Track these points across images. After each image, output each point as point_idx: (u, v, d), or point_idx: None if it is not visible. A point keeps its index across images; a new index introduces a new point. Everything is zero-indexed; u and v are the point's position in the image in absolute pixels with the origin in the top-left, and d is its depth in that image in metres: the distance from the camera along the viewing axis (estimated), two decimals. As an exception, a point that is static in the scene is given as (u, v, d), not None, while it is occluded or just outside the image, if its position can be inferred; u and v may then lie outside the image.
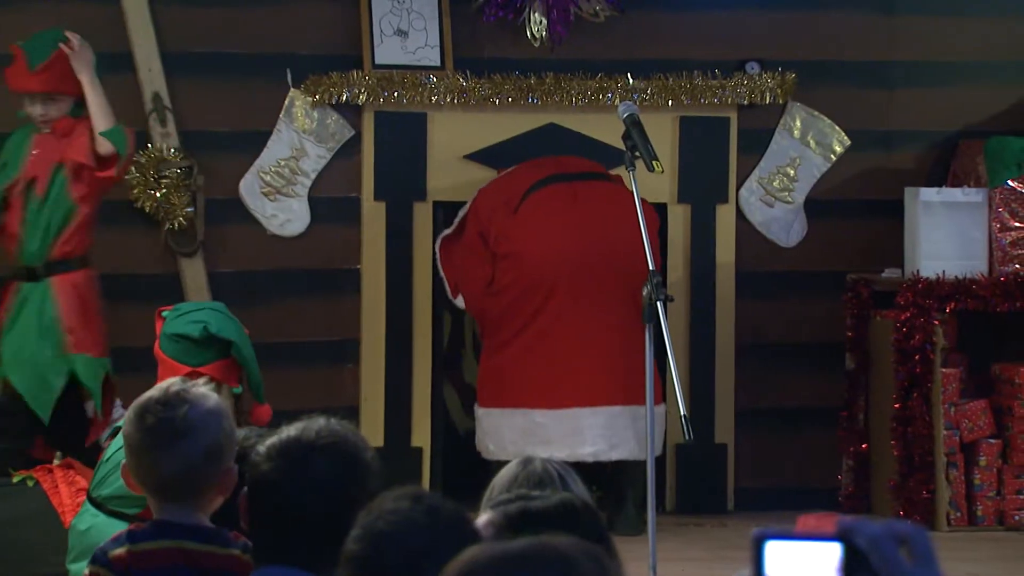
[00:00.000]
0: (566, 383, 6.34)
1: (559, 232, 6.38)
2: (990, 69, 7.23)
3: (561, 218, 6.40)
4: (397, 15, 6.90)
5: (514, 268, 6.44)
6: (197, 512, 3.33)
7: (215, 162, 6.84)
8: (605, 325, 6.34)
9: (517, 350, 6.45)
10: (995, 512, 6.76)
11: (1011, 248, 6.83)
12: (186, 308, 5.64)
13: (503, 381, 6.49)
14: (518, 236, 6.42)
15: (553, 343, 6.37)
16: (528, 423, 6.34)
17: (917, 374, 6.63)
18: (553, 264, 6.37)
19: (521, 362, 6.42)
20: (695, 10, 7.04)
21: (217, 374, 5.05)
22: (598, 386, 6.31)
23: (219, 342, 5.02)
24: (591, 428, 6.29)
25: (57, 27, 6.30)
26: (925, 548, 1.84)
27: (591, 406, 6.32)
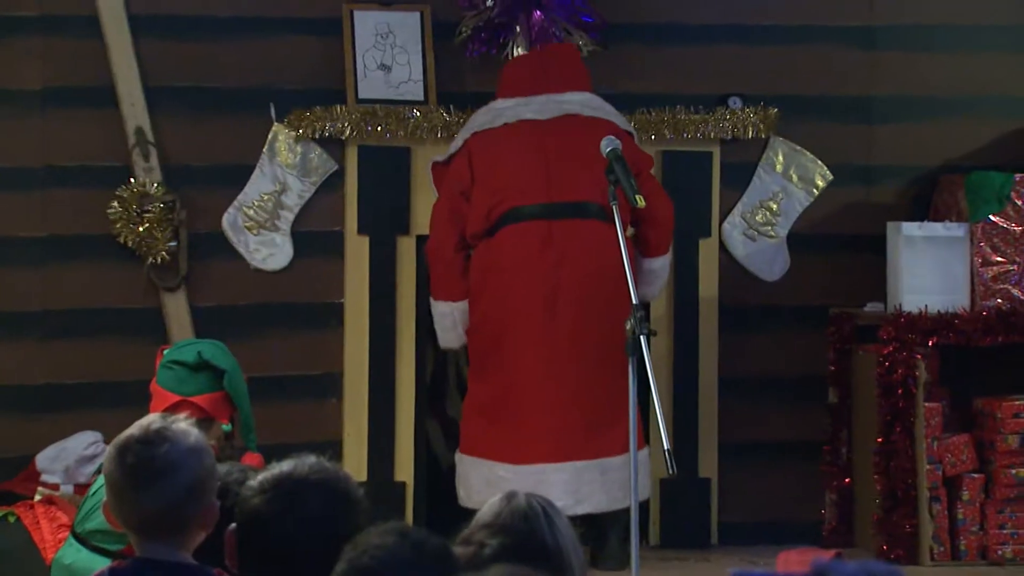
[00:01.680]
0: (531, 438, 6.24)
1: (529, 283, 6.29)
2: (971, 104, 7.25)
3: (533, 267, 6.31)
4: (380, 50, 6.91)
5: (481, 313, 6.39)
6: (179, 549, 3.32)
7: (198, 197, 6.83)
8: (573, 378, 6.25)
9: (484, 399, 6.40)
10: (978, 547, 6.75)
11: (993, 283, 6.85)
12: (186, 342, 5.66)
13: (469, 429, 6.46)
14: (488, 283, 6.36)
15: (519, 396, 6.29)
16: (492, 475, 6.26)
17: (900, 408, 6.63)
18: (521, 315, 6.30)
19: (486, 413, 6.37)
20: (678, 45, 7.06)
21: (207, 405, 5.03)
22: (564, 441, 6.22)
23: (212, 370, 5.02)
24: (557, 484, 6.19)
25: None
26: None
27: (556, 462, 6.24)
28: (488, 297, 6.36)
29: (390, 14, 6.92)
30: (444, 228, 6.45)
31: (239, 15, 6.86)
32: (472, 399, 6.48)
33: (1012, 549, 6.74)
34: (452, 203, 6.45)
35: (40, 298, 6.73)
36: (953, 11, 7.24)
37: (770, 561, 6.34)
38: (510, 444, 6.24)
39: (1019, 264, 6.85)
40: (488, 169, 6.39)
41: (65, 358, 6.71)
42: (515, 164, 6.38)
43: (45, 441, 6.33)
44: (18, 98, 6.72)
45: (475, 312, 6.41)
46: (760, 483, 7.05)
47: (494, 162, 6.40)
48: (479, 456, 6.32)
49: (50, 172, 6.75)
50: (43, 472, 6.22)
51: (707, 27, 7.09)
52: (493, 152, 6.41)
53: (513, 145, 6.41)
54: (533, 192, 6.35)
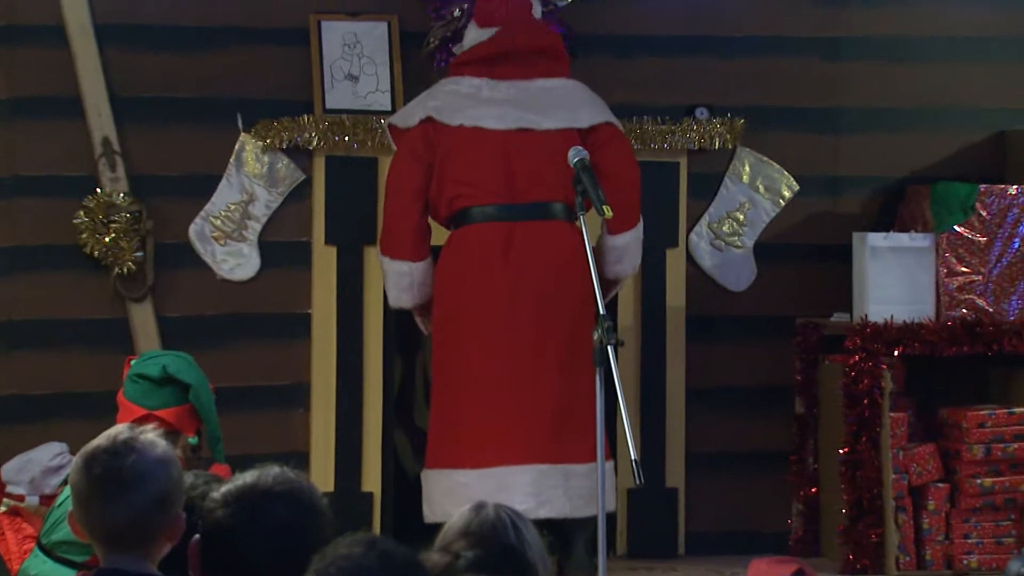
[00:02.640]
0: (491, 442, 6.17)
1: (491, 287, 6.24)
2: (936, 115, 7.27)
3: (495, 270, 6.24)
4: (348, 60, 6.91)
5: (444, 317, 6.35)
6: (145, 560, 3.30)
7: (165, 207, 6.81)
8: (536, 383, 6.21)
9: (445, 406, 6.32)
10: (943, 556, 6.77)
11: (958, 293, 6.86)
12: (152, 354, 5.63)
13: (433, 443, 6.35)
14: (446, 287, 6.33)
15: (480, 401, 6.21)
16: (451, 483, 6.20)
17: (865, 418, 6.64)
18: (484, 320, 6.24)
19: (448, 420, 6.31)
20: (645, 56, 7.06)
21: (173, 419, 5.02)
22: (526, 444, 6.17)
23: (177, 384, 5.00)
24: (518, 486, 6.17)
25: None
26: None
27: (518, 464, 6.21)
28: (450, 301, 6.31)
29: (357, 24, 6.91)
30: (409, 188, 6.31)
31: (206, 25, 6.84)
32: (435, 410, 6.43)
33: (977, 559, 6.75)
34: (417, 167, 6.31)
35: (5, 308, 6.71)
36: (918, 23, 7.26)
37: (737, 571, 6.33)
38: (469, 449, 6.19)
39: (984, 275, 6.87)
40: (446, 155, 6.30)
41: (31, 369, 6.69)
42: (475, 158, 6.29)
43: (10, 452, 6.30)
44: (-17, 108, 6.70)
45: (437, 315, 6.36)
46: (727, 493, 7.05)
47: (453, 150, 6.30)
48: (439, 467, 6.28)
49: (16, 182, 6.73)
50: (8, 483, 6.19)
51: (674, 38, 7.10)
52: (453, 140, 6.33)
53: (474, 138, 6.35)
54: (494, 191, 6.27)
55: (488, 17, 6.50)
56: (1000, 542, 6.76)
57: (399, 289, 6.37)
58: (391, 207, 6.37)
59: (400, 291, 6.37)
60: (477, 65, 6.41)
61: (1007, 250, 6.87)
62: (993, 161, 7.26)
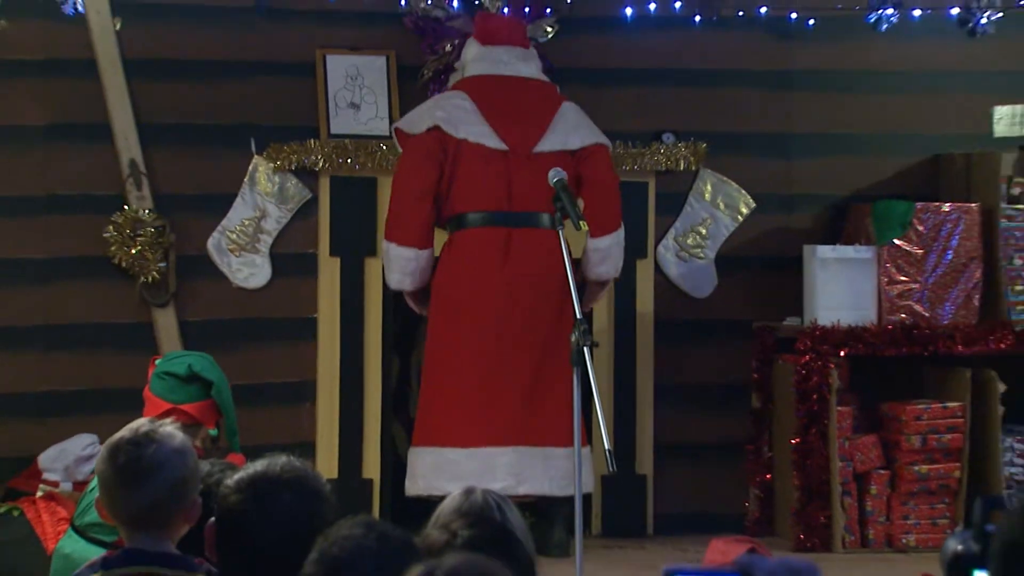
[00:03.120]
0: (479, 424, 6.14)
1: (485, 283, 6.22)
2: (877, 140, 7.27)
3: (490, 268, 6.22)
4: (350, 90, 6.89)
5: (443, 308, 6.29)
6: (165, 540, 3.30)
7: (186, 222, 6.79)
8: (520, 371, 6.18)
9: (437, 391, 6.28)
10: (884, 536, 6.76)
11: (897, 299, 6.85)
12: (177, 354, 5.63)
13: (421, 423, 6.33)
14: (447, 281, 6.29)
15: (471, 387, 6.17)
16: (441, 459, 6.15)
17: (815, 412, 6.63)
18: (476, 314, 6.21)
19: (439, 403, 6.27)
20: (617, 87, 7.05)
21: (196, 413, 5.02)
22: (508, 428, 6.14)
23: (201, 381, 5.00)
24: (500, 466, 6.14)
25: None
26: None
27: (500, 446, 6.17)
28: (450, 294, 6.28)
29: (359, 58, 6.89)
30: (423, 183, 6.21)
31: (223, 59, 6.83)
32: (427, 393, 6.38)
33: (915, 538, 6.75)
34: (432, 165, 6.22)
35: (42, 314, 6.68)
36: (861, 59, 7.26)
37: (700, 549, 6.31)
38: (459, 430, 6.16)
39: (920, 283, 6.86)
40: (453, 162, 6.25)
41: (64, 368, 6.66)
42: (478, 169, 6.24)
43: (46, 442, 6.28)
44: (23, 134, 6.67)
45: (444, 305, 6.31)
46: (691, 479, 7.03)
47: (459, 160, 6.25)
48: (429, 444, 6.24)
49: (52, 200, 6.70)
50: (44, 471, 6.17)
51: (643, 71, 7.09)
52: (459, 151, 6.27)
53: (477, 152, 6.30)
54: (496, 199, 6.23)
55: (490, 37, 6.48)
56: (935, 523, 6.75)
57: (403, 273, 6.27)
58: (403, 199, 6.26)
59: (404, 275, 6.28)
60: (481, 88, 6.36)
61: (941, 261, 6.87)
62: (928, 181, 7.25)
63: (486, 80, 6.38)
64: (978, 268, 6.88)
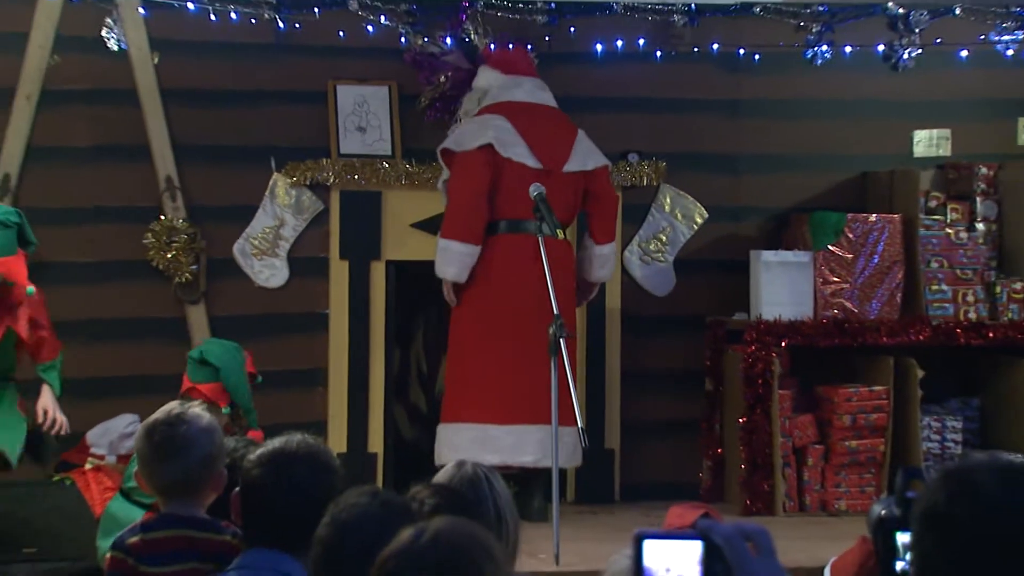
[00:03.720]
0: (514, 404, 6.10)
1: (520, 283, 6.11)
2: (813, 160, 7.27)
3: (524, 269, 6.13)
4: (358, 115, 6.87)
5: (484, 301, 6.20)
6: (196, 506, 3.31)
7: (214, 230, 6.77)
8: (539, 361, 6.13)
9: (476, 375, 6.19)
10: (819, 501, 6.76)
11: (831, 297, 6.85)
12: (210, 341, 5.66)
13: (457, 401, 6.27)
14: (485, 277, 6.17)
15: (505, 371, 6.08)
16: (482, 435, 6.07)
17: (760, 394, 6.63)
18: (513, 309, 6.12)
19: (474, 385, 6.18)
20: (590, 113, 7.02)
21: (208, 392, 5.05)
22: (536, 408, 6.10)
23: (209, 366, 5.02)
24: (533, 442, 6.10)
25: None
26: (767, 543, 1.84)
27: (532, 424, 6.12)
28: (493, 289, 6.20)
29: (365, 88, 6.88)
30: (483, 190, 6.12)
31: (247, 88, 6.81)
32: (459, 377, 6.24)
33: (845, 503, 6.75)
34: (488, 175, 6.14)
35: (89, 309, 6.66)
36: (799, 90, 7.26)
37: (660, 514, 6.28)
38: (498, 409, 6.06)
39: (851, 283, 6.86)
40: (499, 175, 6.18)
41: (109, 357, 6.64)
42: (517, 184, 6.15)
43: (93, 421, 6.25)
44: (73, 154, 6.65)
45: (478, 299, 6.21)
46: (652, 453, 7.02)
47: (503, 174, 6.19)
48: (470, 421, 6.14)
49: (98, 211, 6.68)
50: (92, 446, 6.15)
51: (612, 99, 7.08)
52: (504, 167, 6.19)
53: (518, 169, 6.21)
54: (528, 210, 6.11)
55: (512, 67, 6.46)
56: (863, 490, 6.75)
57: (460, 267, 6.15)
58: (466, 201, 6.12)
59: (461, 269, 6.15)
60: (516, 113, 6.30)
61: (868, 264, 6.87)
62: (857, 195, 7.26)
63: (519, 106, 6.34)
64: (900, 270, 6.89)
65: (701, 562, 1.81)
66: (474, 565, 1.85)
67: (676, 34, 7.08)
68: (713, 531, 1.80)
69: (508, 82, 6.41)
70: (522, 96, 6.37)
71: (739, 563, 1.80)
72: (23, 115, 6.55)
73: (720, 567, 1.80)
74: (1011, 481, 1.89)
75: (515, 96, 6.36)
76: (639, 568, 1.81)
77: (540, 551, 5.51)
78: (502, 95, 6.37)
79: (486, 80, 6.48)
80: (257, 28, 6.77)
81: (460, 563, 1.85)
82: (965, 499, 1.88)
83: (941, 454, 6.84)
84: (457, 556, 1.85)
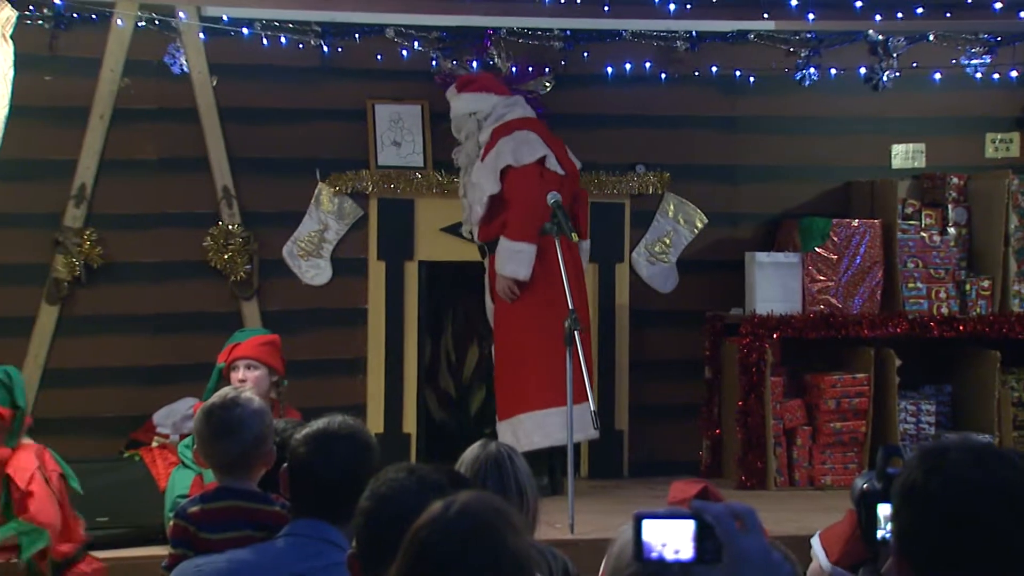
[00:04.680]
0: (581, 387, 6.02)
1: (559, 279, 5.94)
2: (802, 171, 7.24)
3: (575, 270, 6.08)
4: (393, 131, 6.87)
5: (537, 302, 6.12)
6: (248, 481, 3.31)
7: (266, 234, 6.77)
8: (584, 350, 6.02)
9: (540, 366, 6.05)
10: (807, 477, 6.73)
11: (818, 294, 6.83)
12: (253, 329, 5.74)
13: (545, 386, 6.04)
14: (550, 281, 6.04)
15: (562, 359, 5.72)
16: (564, 418, 5.82)
17: (754, 381, 6.61)
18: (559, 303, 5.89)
19: (546, 374, 6.02)
20: (600, 128, 7.04)
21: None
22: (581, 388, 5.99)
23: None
24: (588, 420, 5.99)
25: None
26: (754, 521, 1.83)
27: (586, 402, 5.90)
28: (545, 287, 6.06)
29: (400, 106, 6.88)
30: (542, 195, 6.04)
31: (294, 106, 6.81)
32: (543, 365, 6.04)
33: (831, 479, 6.72)
34: (542, 183, 6.09)
35: (155, 304, 6.67)
36: (790, 108, 7.23)
37: (664, 488, 6.27)
38: (575, 392, 5.75)
39: (836, 282, 6.84)
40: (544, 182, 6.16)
41: (172, 347, 6.64)
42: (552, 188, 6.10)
43: (158, 404, 6.28)
44: (141, 166, 6.66)
45: (537, 294, 6.10)
46: (657, 434, 7.01)
47: (546, 182, 6.15)
48: (555, 406, 5.98)
49: (162, 217, 6.69)
50: (157, 426, 6.17)
51: (621, 116, 7.06)
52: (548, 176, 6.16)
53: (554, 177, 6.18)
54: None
55: (502, 88, 6.42)
56: (847, 467, 6.72)
57: (530, 266, 6.08)
58: (534, 208, 6.03)
59: (530, 267, 6.08)
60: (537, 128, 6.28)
61: (852, 265, 6.84)
62: (842, 203, 7.23)
63: (530, 121, 6.32)
64: (880, 270, 6.86)
65: (694, 539, 1.80)
66: (498, 533, 1.85)
67: (678, 58, 7.06)
68: (705, 511, 1.80)
69: (509, 101, 6.38)
70: (522, 112, 6.35)
71: (728, 539, 1.79)
72: (97, 132, 6.57)
73: (711, 543, 1.80)
74: (981, 460, 1.88)
75: (519, 113, 6.34)
76: (639, 544, 1.81)
77: (556, 521, 5.50)
78: (510, 113, 6.32)
79: (484, 103, 6.33)
80: (304, 53, 6.77)
81: (485, 531, 1.85)
82: (940, 476, 1.88)
83: (916, 435, 6.82)
84: (482, 525, 1.85)
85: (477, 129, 6.33)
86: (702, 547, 1.80)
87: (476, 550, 1.83)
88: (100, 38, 6.55)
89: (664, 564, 1.79)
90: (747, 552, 1.78)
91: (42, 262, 6.49)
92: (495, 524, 1.86)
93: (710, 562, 1.79)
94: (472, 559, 1.82)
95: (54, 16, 6.44)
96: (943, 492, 1.86)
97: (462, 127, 6.38)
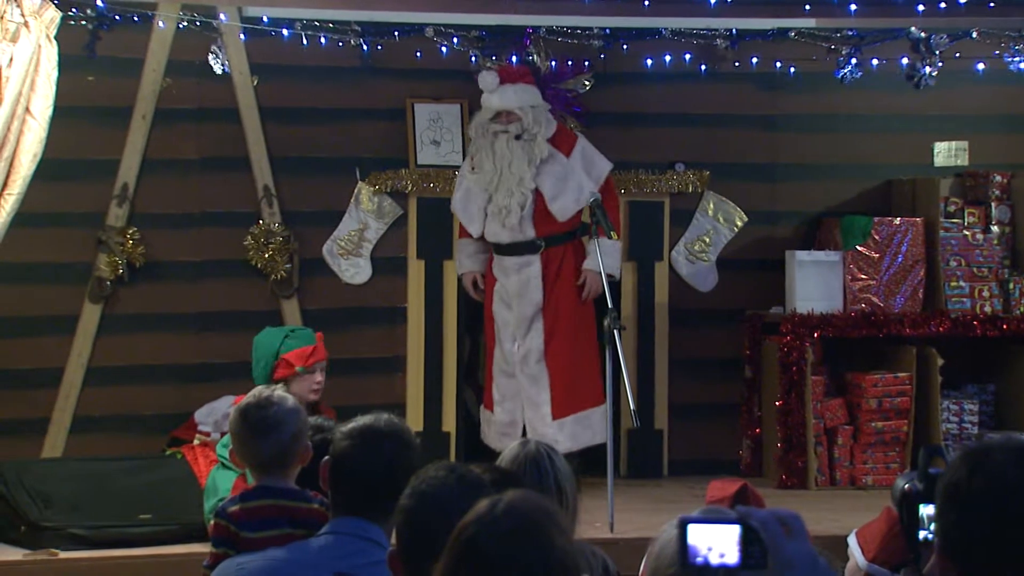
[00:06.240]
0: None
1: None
2: (843, 168, 7.20)
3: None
4: (432, 130, 6.88)
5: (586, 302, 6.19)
6: (286, 478, 3.32)
7: (306, 232, 6.80)
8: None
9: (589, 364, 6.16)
10: (848, 477, 6.70)
11: (859, 293, 6.79)
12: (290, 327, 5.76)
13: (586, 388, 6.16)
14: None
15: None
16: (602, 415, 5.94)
17: (794, 380, 6.58)
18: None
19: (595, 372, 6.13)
20: (639, 126, 7.03)
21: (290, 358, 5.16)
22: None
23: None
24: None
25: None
26: (799, 527, 1.82)
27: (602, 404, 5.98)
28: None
29: (439, 106, 6.89)
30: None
31: (335, 106, 6.84)
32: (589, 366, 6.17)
33: (872, 479, 6.69)
34: None
35: (197, 302, 6.71)
36: (830, 105, 7.20)
37: (703, 487, 6.25)
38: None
39: (877, 280, 6.80)
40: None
41: (214, 345, 6.69)
42: None
43: (200, 402, 6.31)
44: (183, 165, 6.70)
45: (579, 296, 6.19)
46: (697, 433, 6.98)
47: None
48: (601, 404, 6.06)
49: (205, 216, 6.73)
50: (199, 423, 6.21)
51: (660, 115, 7.05)
52: None
53: None
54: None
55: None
56: (888, 467, 6.69)
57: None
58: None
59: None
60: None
61: (893, 263, 6.80)
62: (883, 201, 7.18)
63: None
64: (922, 268, 6.81)
65: (740, 544, 1.80)
66: (543, 532, 1.86)
67: (719, 56, 7.04)
68: (750, 516, 1.79)
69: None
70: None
71: (774, 545, 1.78)
72: (139, 132, 6.62)
73: (757, 548, 1.79)
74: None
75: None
76: (684, 548, 1.80)
77: (596, 520, 5.50)
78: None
79: (539, 98, 6.36)
80: (344, 52, 6.80)
81: (531, 530, 1.86)
82: (984, 476, 1.86)
83: (959, 434, 6.77)
84: (528, 524, 1.86)
85: (533, 122, 6.21)
86: (747, 552, 1.79)
87: (524, 549, 1.84)
88: (142, 39, 6.60)
89: (709, 568, 1.78)
90: (793, 558, 1.77)
91: (85, 261, 6.55)
92: (542, 523, 1.87)
93: (755, 567, 1.78)
94: (520, 558, 1.83)
95: (96, 17, 6.49)
96: (987, 492, 1.85)
97: (524, 117, 6.17)
